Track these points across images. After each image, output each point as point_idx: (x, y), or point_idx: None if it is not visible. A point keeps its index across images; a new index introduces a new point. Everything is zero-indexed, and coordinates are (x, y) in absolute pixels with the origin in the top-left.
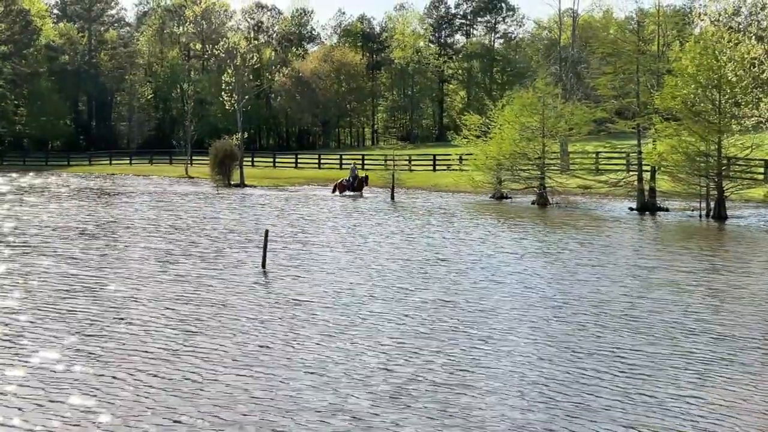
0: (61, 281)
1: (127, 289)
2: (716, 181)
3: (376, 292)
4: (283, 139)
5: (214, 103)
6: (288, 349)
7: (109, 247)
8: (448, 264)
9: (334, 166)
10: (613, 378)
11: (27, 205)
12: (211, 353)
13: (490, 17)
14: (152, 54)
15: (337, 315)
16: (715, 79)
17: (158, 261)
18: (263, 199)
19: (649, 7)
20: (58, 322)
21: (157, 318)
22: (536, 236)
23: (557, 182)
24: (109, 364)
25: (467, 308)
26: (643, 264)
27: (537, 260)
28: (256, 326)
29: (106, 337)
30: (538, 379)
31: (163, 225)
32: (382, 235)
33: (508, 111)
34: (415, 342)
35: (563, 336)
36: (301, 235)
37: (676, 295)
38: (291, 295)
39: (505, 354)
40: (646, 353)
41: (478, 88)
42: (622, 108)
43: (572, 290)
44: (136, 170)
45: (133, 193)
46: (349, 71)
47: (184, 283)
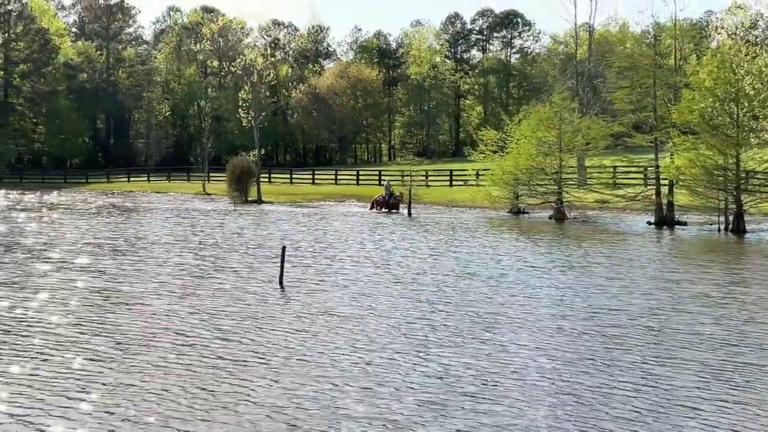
0: (101, 296)
1: (165, 303)
2: (735, 194)
3: (410, 306)
4: (300, 156)
5: (231, 119)
6: (322, 360)
7: (142, 263)
8: (478, 278)
9: (351, 182)
10: (673, 389)
11: (56, 223)
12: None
13: (506, 32)
14: (170, 71)
15: (378, 330)
16: (732, 93)
17: (191, 275)
18: (280, 215)
19: (665, 21)
20: (102, 336)
21: (197, 330)
22: (560, 251)
23: (574, 197)
24: (155, 376)
25: (505, 321)
26: (670, 277)
27: (565, 274)
28: (283, 339)
29: (152, 349)
30: (584, 392)
31: (188, 241)
32: (406, 250)
33: (525, 126)
34: (459, 353)
35: (604, 349)
36: (321, 250)
37: (708, 307)
38: (314, 309)
39: (547, 367)
40: (691, 362)
41: (494, 103)
42: (639, 122)
43: (606, 303)
44: (154, 187)
45: (153, 210)
46: (366, 87)
47: (217, 298)
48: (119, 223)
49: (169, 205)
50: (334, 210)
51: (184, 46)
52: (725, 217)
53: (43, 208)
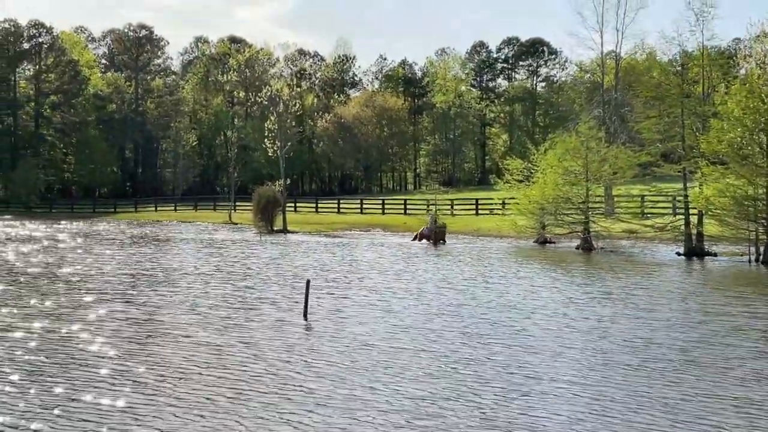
0: (147, 327)
1: (211, 334)
2: (765, 225)
3: (452, 338)
4: (326, 184)
5: (258, 149)
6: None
7: (181, 293)
8: (517, 310)
9: (377, 211)
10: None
11: (92, 253)
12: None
13: (532, 61)
14: (197, 101)
15: (423, 359)
16: (762, 122)
17: (232, 306)
18: (312, 245)
19: (692, 50)
20: (149, 367)
21: (246, 366)
22: (593, 282)
23: (602, 227)
24: (206, 411)
25: (546, 355)
26: (708, 310)
27: (604, 306)
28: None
29: (200, 383)
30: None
31: (223, 272)
32: (440, 281)
33: (551, 155)
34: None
35: (657, 383)
36: (347, 281)
37: (744, 341)
38: (340, 348)
39: (593, 400)
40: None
41: (520, 132)
42: (667, 151)
43: (651, 336)
44: (181, 216)
45: (183, 240)
46: (391, 116)
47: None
48: (153, 254)
49: (197, 235)
50: (369, 240)
51: (211, 76)
52: (756, 247)
53: (78, 237)
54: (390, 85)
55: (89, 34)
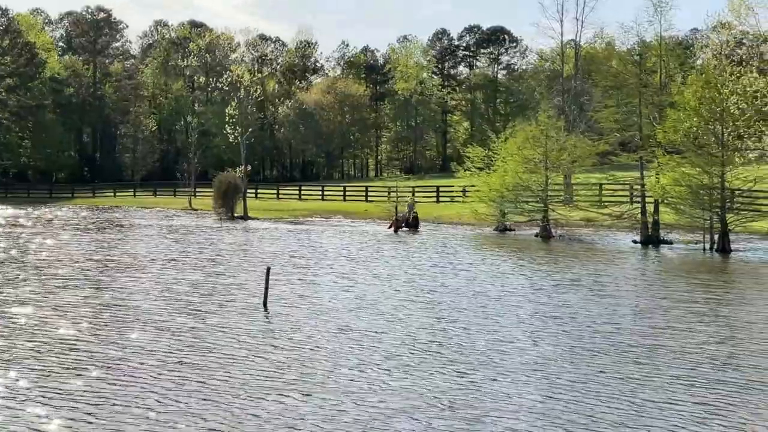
0: (126, 313)
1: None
2: (720, 214)
3: (424, 325)
4: (287, 171)
5: (218, 134)
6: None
7: (150, 280)
8: (486, 297)
9: (338, 198)
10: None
11: (57, 239)
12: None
13: (493, 49)
14: (157, 86)
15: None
16: (717, 112)
17: (204, 294)
18: (269, 233)
19: (650, 40)
20: (119, 350)
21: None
22: (559, 269)
23: (560, 215)
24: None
25: (517, 340)
26: (673, 296)
27: (570, 293)
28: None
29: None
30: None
31: (191, 258)
32: (406, 267)
33: (511, 143)
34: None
35: (627, 368)
36: (306, 269)
37: (714, 327)
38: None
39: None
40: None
41: (481, 119)
42: (625, 140)
43: (618, 321)
44: (141, 202)
45: (145, 227)
46: (353, 102)
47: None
48: (119, 240)
49: (158, 221)
50: (333, 228)
51: (171, 60)
52: (711, 236)
53: (38, 224)
54: (352, 72)
55: (46, 16)
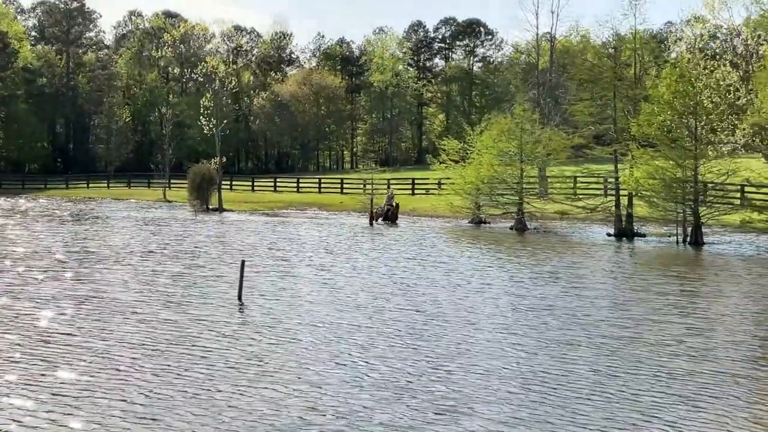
0: (107, 305)
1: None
2: (693, 207)
3: (404, 317)
4: (262, 162)
5: (193, 126)
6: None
7: (132, 272)
8: (466, 289)
9: (313, 190)
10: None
11: (33, 231)
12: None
13: (469, 41)
14: (131, 76)
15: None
16: (691, 106)
17: (181, 287)
18: (246, 225)
19: (625, 34)
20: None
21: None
22: (537, 261)
23: (535, 207)
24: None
25: (496, 332)
26: (649, 288)
27: (548, 285)
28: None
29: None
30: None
31: (170, 250)
32: (386, 260)
33: (487, 136)
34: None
35: (606, 359)
36: (281, 262)
37: (692, 319)
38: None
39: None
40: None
41: (457, 112)
42: (599, 133)
43: (596, 313)
44: (114, 193)
45: (122, 218)
46: (328, 94)
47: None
48: (95, 232)
49: (133, 212)
50: (309, 220)
51: (145, 51)
52: (684, 229)
53: (11, 215)
54: (328, 64)
55: (18, 5)
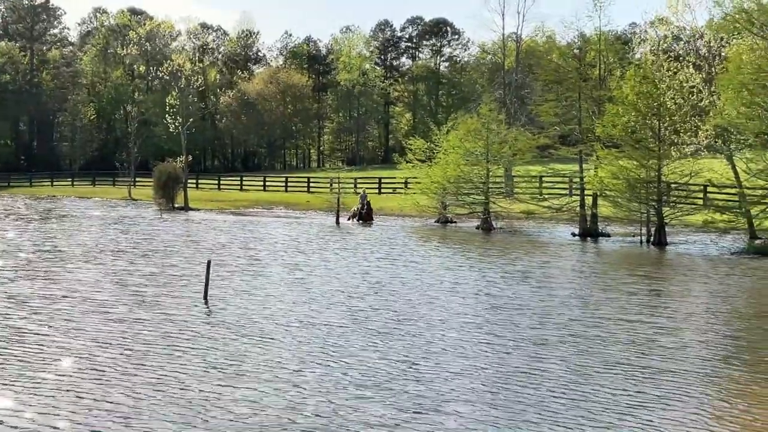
0: (81, 304)
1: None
2: (656, 207)
3: (379, 317)
4: (229, 161)
5: (159, 124)
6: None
7: (105, 271)
8: (438, 289)
9: (280, 189)
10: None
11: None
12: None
13: (436, 41)
14: (95, 74)
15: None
16: (654, 107)
17: (148, 286)
18: (214, 224)
19: (590, 35)
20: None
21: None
22: (507, 261)
23: (501, 207)
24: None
25: (472, 330)
26: (619, 288)
27: (519, 284)
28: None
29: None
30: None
31: (140, 250)
32: (357, 261)
33: (453, 136)
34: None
35: (580, 358)
36: (254, 261)
37: (663, 318)
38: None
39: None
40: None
41: (423, 111)
42: (564, 134)
43: (567, 312)
44: (79, 192)
45: (83, 217)
46: (295, 93)
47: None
48: (63, 231)
49: (98, 211)
50: (276, 219)
51: (110, 48)
52: (647, 229)
53: None
54: (294, 62)
55: None
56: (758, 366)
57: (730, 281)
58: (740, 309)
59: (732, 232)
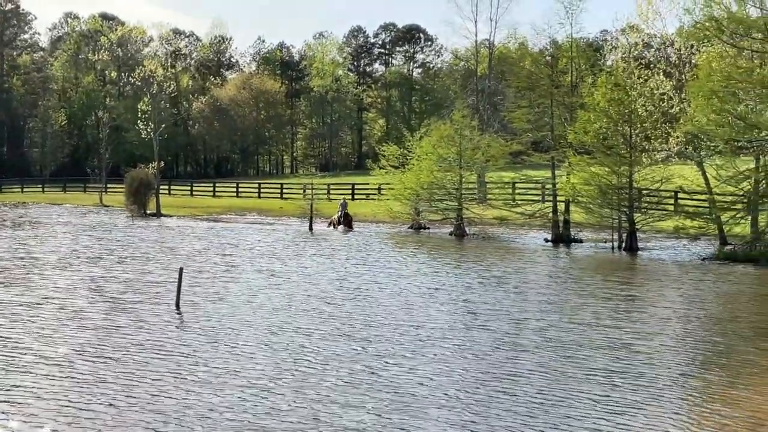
0: (59, 311)
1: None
2: (628, 213)
3: (357, 324)
4: (201, 167)
5: (131, 129)
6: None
7: (81, 278)
8: (417, 296)
9: (253, 195)
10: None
11: None
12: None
13: (409, 47)
14: (67, 79)
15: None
16: (626, 114)
17: (132, 292)
18: (189, 231)
19: (562, 41)
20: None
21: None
22: (484, 267)
23: (475, 213)
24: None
25: (456, 336)
26: (595, 294)
27: (497, 290)
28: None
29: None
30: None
31: (116, 257)
32: (334, 267)
33: (426, 142)
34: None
35: (560, 362)
36: (224, 269)
37: (639, 323)
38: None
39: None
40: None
41: (396, 117)
42: (537, 140)
43: (544, 318)
44: (50, 198)
45: (55, 224)
46: (268, 99)
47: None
48: (34, 237)
49: (70, 218)
50: (251, 226)
51: (81, 54)
52: (619, 235)
53: None
54: (267, 68)
55: None
56: (734, 370)
57: (703, 287)
58: (715, 314)
59: (702, 238)
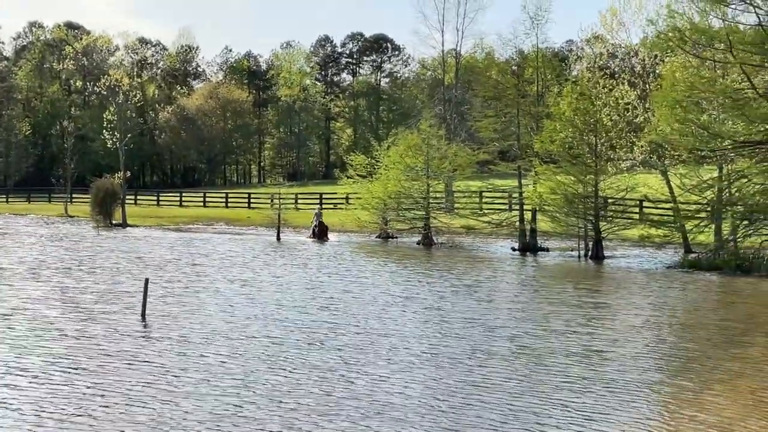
0: (32, 321)
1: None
2: (593, 222)
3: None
4: (168, 177)
5: (96, 139)
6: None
7: (52, 288)
8: (391, 305)
9: (220, 205)
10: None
11: None
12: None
13: (376, 56)
14: (31, 89)
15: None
16: (591, 123)
17: (101, 302)
18: (157, 241)
19: (528, 52)
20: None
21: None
22: (455, 276)
23: (442, 222)
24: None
25: (428, 342)
26: (564, 301)
27: (468, 299)
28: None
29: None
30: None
31: (86, 267)
32: (307, 278)
33: (394, 152)
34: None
35: (537, 370)
36: (203, 278)
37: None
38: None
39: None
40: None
41: (364, 126)
42: (504, 149)
43: (517, 326)
44: (14, 209)
45: (19, 234)
46: (235, 108)
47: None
48: (3, 247)
49: (36, 228)
50: (221, 236)
51: (46, 63)
52: (585, 243)
53: None
54: (234, 77)
55: None
56: (705, 375)
57: (670, 294)
58: (683, 321)
59: (667, 246)
